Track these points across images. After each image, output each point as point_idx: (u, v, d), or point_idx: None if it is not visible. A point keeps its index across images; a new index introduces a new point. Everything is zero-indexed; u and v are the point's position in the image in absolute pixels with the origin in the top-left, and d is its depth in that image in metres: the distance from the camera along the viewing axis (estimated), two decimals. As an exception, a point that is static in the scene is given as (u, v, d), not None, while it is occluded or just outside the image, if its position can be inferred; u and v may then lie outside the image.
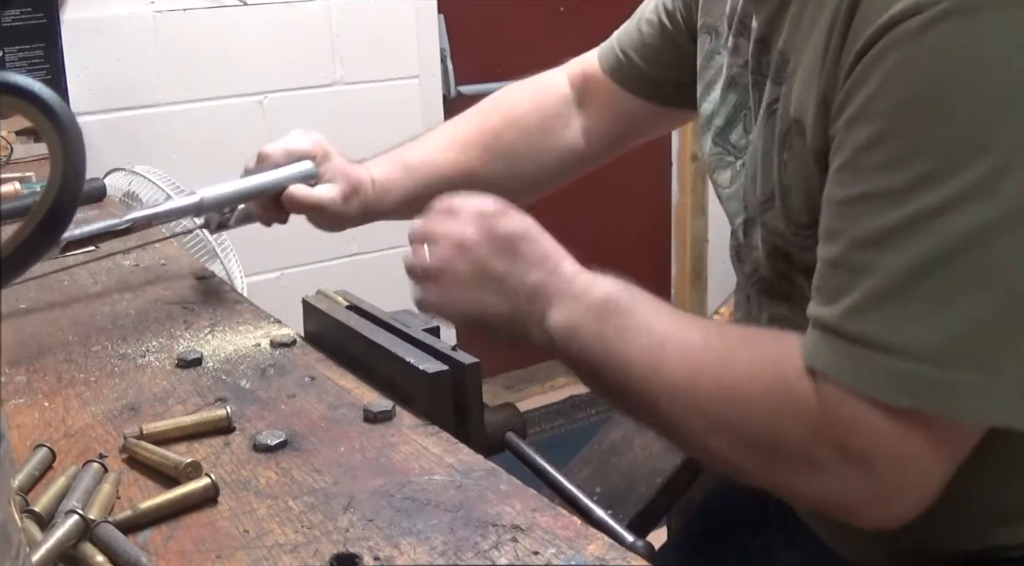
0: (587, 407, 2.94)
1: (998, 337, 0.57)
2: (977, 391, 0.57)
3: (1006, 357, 0.57)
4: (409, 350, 0.69)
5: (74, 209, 0.41)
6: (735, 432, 0.65)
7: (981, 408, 0.58)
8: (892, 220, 0.58)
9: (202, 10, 2.23)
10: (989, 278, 0.56)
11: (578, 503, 0.68)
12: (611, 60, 1.06)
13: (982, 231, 0.55)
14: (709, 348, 0.68)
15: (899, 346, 0.58)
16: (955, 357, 0.57)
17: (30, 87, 0.39)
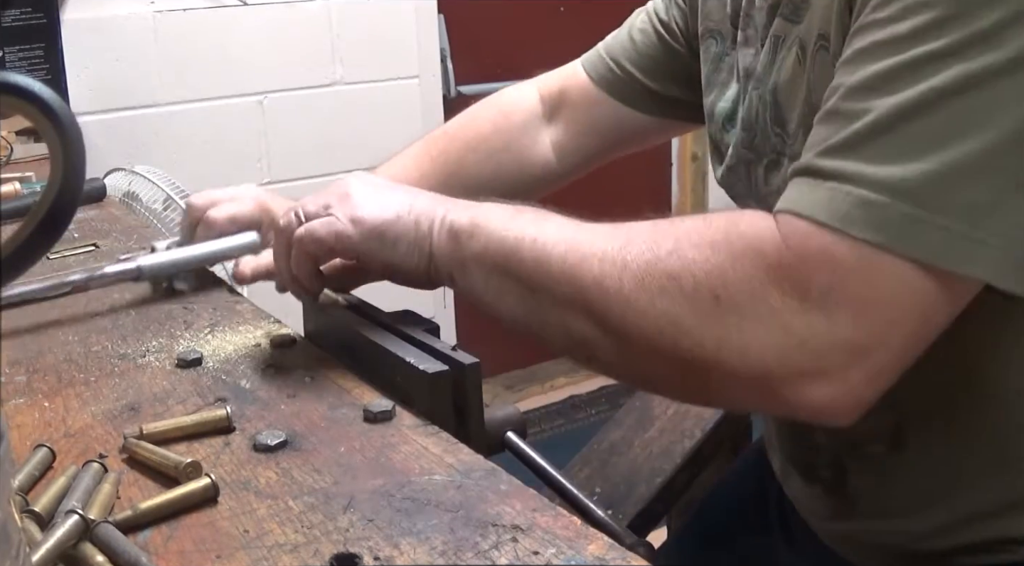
0: (587, 407, 2.94)
1: (986, 188, 0.55)
2: (955, 237, 0.55)
3: (991, 210, 0.55)
4: (409, 350, 0.69)
5: (74, 209, 0.41)
6: (674, 287, 0.59)
7: (957, 256, 0.55)
8: (891, 64, 0.56)
9: (202, 10, 2.23)
10: (984, 123, 0.54)
11: (578, 503, 0.68)
12: (602, 71, 1.04)
13: (982, 76, 0.54)
14: (644, 224, 0.65)
15: (878, 180, 0.55)
16: (937, 199, 0.54)
17: (30, 87, 0.39)
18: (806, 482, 0.80)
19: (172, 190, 1.44)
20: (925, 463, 0.71)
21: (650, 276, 0.60)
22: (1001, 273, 0.55)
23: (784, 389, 0.57)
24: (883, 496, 0.74)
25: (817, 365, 0.57)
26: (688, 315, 0.59)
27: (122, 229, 1.21)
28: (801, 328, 0.56)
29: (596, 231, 0.65)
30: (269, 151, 2.37)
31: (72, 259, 1.08)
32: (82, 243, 1.13)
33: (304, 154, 2.41)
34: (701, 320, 0.58)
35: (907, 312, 0.56)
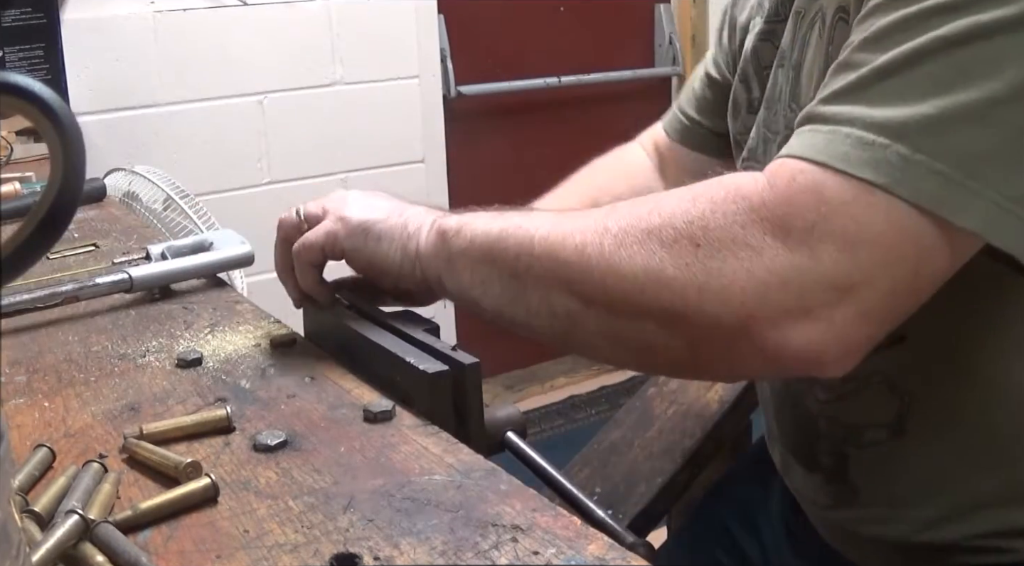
0: (587, 407, 2.95)
1: (987, 139, 0.54)
2: (951, 184, 0.53)
3: (991, 162, 0.54)
4: (409, 350, 0.69)
5: (74, 209, 0.41)
6: (654, 241, 0.58)
7: (952, 204, 0.53)
8: (901, 15, 0.56)
9: (202, 10, 2.23)
10: (989, 74, 0.54)
11: (578, 503, 0.68)
12: (676, 125, 1.06)
13: (991, 27, 0.53)
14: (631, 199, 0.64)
15: (877, 122, 0.54)
16: (936, 144, 0.53)
17: (30, 87, 0.39)
18: (807, 471, 0.80)
19: (172, 190, 1.44)
20: (926, 451, 0.71)
21: (630, 235, 0.59)
22: (996, 228, 0.54)
23: (768, 332, 0.55)
24: (884, 484, 0.74)
25: (800, 303, 0.55)
26: (669, 266, 0.57)
27: (122, 229, 1.21)
28: (783, 267, 0.55)
29: (582, 212, 0.65)
30: (269, 151, 2.37)
31: (72, 259, 1.08)
32: (82, 243, 1.13)
33: (304, 154, 2.41)
34: (681, 270, 0.57)
35: (898, 254, 0.55)
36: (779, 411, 0.82)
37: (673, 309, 0.58)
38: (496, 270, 0.66)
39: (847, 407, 0.74)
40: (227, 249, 0.96)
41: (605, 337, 0.63)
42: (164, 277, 0.92)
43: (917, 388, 0.70)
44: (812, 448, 0.78)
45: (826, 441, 0.77)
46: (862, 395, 0.72)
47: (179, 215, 1.43)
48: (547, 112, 3.00)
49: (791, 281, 0.55)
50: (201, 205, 1.47)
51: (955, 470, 0.70)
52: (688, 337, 0.59)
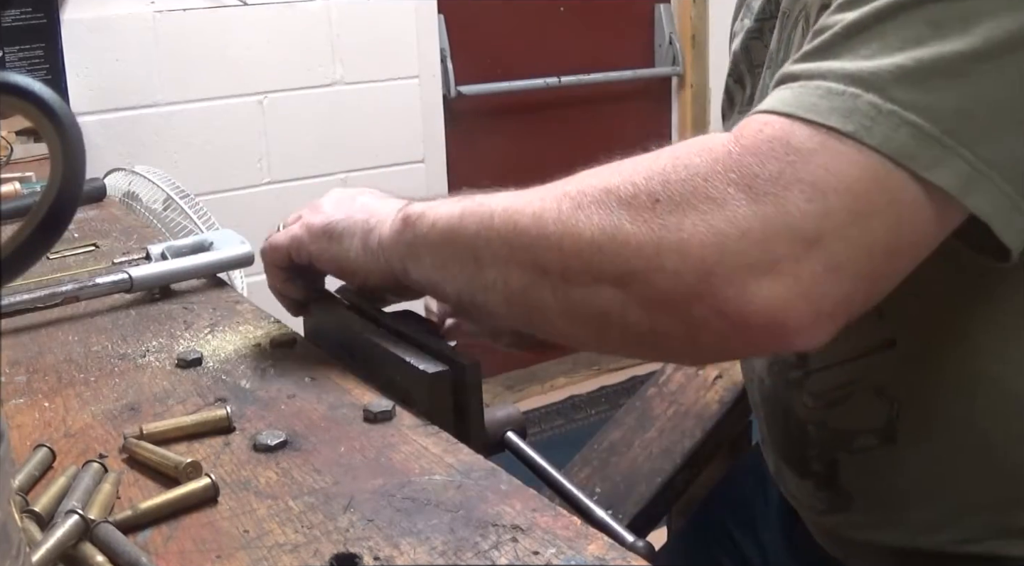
0: (587, 407, 2.95)
1: (961, 95, 0.52)
2: (925, 137, 0.51)
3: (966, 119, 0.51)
4: (409, 350, 0.69)
5: (74, 209, 0.41)
6: (612, 199, 0.56)
7: (926, 158, 0.51)
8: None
9: (202, 10, 2.23)
10: (965, 29, 0.52)
11: (578, 503, 0.68)
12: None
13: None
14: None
15: (848, 73, 0.52)
16: (909, 95, 0.51)
17: (30, 87, 0.39)
18: (799, 477, 0.80)
19: (172, 190, 1.44)
20: (917, 457, 0.70)
21: (588, 196, 0.57)
22: (970, 190, 0.52)
23: (728, 288, 0.52)
24: (876, 490, 0.74)
25: (763, 256, 0.51)
26: (626, 223, 0.54)
27: (122, 229, 1.21)
28: (746, 217, 0.51)
29: (546, 185, 0.62)
30: (269, 151, 2.37)
31: (72, 259, 1.08)
32: (82, 243, 1.13)
33: (304, 154, 2.41)
34: (639, 226, 0.54)
35: (871, 205, 0.51)
36: (769, 417, 0.82)
37: (629, 268, 0.55)
38: (456, 250, 0.64)
39: (836, 413, 0.73)
40: (227, 249, 0.96)
41: (561, 309, 0.59)
42: (164, 277, 0.92)
43: (906, 394, 0.69)
44: (803, 454, 0.78)
45: (816, 447, 0.76)
46: (851, 401, 0.72)
47: (179, 215, 1.43)
48: (547, 112, 3.00)
49: (753, 231, 0.51)
50: (201, 205, 1.47)
51: (947, 475, 0.70)
52: (645, 300, 0.55)
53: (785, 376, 0.76)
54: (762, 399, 0.82)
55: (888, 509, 0.73)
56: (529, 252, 0.59)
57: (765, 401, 0.82)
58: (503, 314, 0.64)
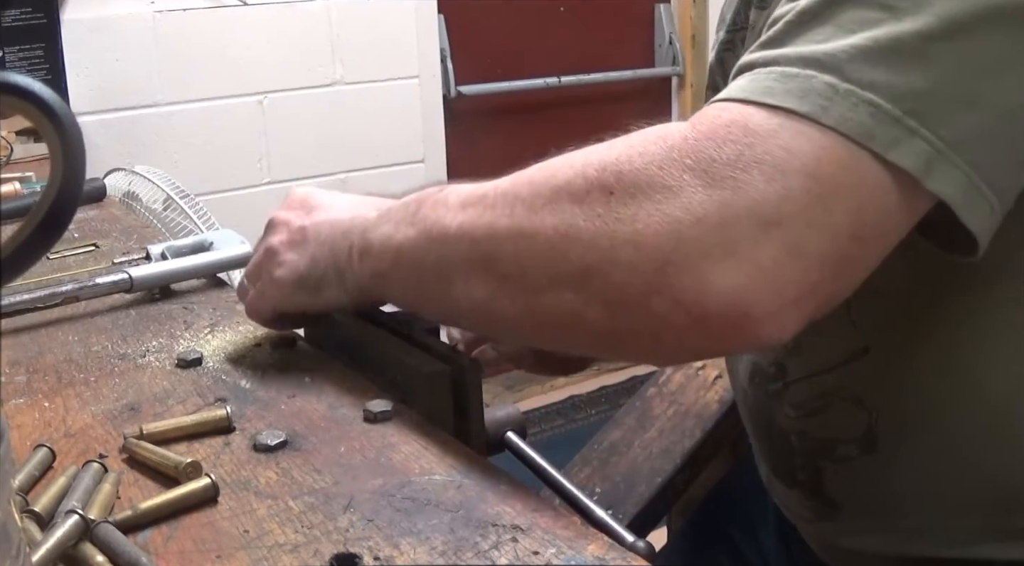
0: (587, 407, 2.95)
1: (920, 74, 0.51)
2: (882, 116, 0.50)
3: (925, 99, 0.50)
4: (409, 350, 0.69)
5: (74, 209, 0.41)
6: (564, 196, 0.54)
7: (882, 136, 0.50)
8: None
9: (202, 10, 2.23)
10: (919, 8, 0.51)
11: (578, 503, 0.68)
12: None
13: None
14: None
15: (803, 56, 0.52)
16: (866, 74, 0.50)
17: (30, 87, 0.39)
18: (787, 487, 0.80)
19: (172, 190, 1.44)
20: (900, 464, 0.69)
21: (540, 196, 0.56)
22: (931, 171, 0.51)
23: (685, 276, 0.50)
24: (861, 497, 0.73)
25: (720, 241, 0.49)
26: (580, 220, 0.53)
27: (122, 229, 1.21)
28: (702, 203, 0.50)
29: (497, 183, 0.61)
30: (269, 151, 2.37)
31: (72, 259, 1.08)
32: (82, 243, 1.13)
33: (304, 154, 2.41)
34: (593, 221, 0.52)
35: (833, 187, 0.50)
36: (756, 429, 0.82)
37: (586, 266, 0.53)
38: (421, 276, 0.64)
39: (816, 423, 0.73)
40: (227, 249, 0.96)
41: (523, 316, 0.58)
42: (164, 277, 0.92)
43: (883, 402, 0.68)
44: (789, 464, 0.78)
45: (801, 457, 0.76)
46: (830, 411, 0.71)
47: (179, 215, 1.44)
48: (547, 112, 3.00)
49: (709, 216, 0.49)
50: (201, 205, 1.47)
51: (932, 480, 0.69)
52: (604, 298, 0.53)
53: (766, 388, 0.76)
54: (747, 411, 0.82)
55: (875, 516, 0.73)
56: (487, 263, 0.59)
57: (750, 413, 0.82)
58: (474, 328, 0.65)
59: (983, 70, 0.52)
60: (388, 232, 0.66)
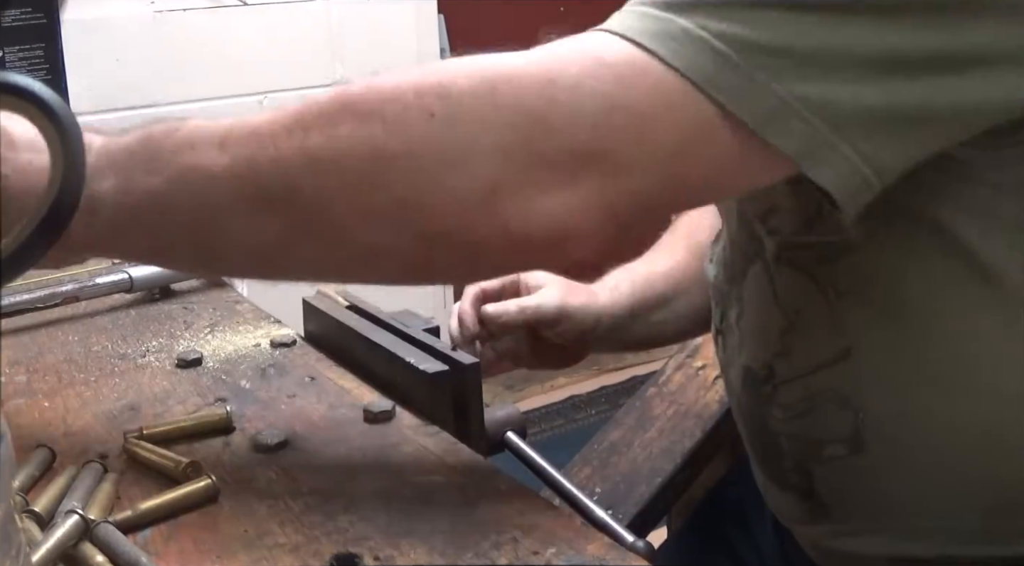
0: (587, 407, 2.95)
1: (778, 32, 0.50)
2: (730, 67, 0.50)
3: (783, 58, 0.50)
4: (409, 350, 0.70)
5: (74, 209, 0.41)
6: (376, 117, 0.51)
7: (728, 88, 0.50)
8: None
9: (202, 10, 2.23)
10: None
11: (578, 503, 0.68)
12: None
13: None
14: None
15: (717, 30, 0.50)
16: (722, 26, 0.50)
17: (30, 87, 0.39)
18: (780, 490, 0.79)
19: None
20: (888, 464, 0.68)
21: (342, 114, 0.52)
22: (776, 126, 0.50)
23: (512, 203, 0.50)
24: (851, 499, 0.73)
25: (549, 165, 0.49)
26: (396, 141, 0.50)
27: (122, 229, 1.21)
28: (534, 125, 0.49)
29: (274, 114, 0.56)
30: (269, 151, 2.37)
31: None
32: (82, 243, 1.12)
33: (304, 154, 2.41)
34: (413, 144, 0.49)
35: (658, 127, 0.50)
36: (749, 434, 0.82)
37: (404, 190, 0.50)
38: (176, 229, 0.56)
39: (804, 424, 0.73)
40: None
41: (326, 256, 0.55)
42: (164, 277, 0.92)
43: (868, 402, 0.68)
44: (780, 467, 0.78)
45: (791, 459, 0.76)
46: (816, 412, 0.71)
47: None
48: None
49: (537, 140, 0.49)
50: (201, 205, 1.47)
51: (922, 481, 0.69)
52: (422, 228, 0.51)
53: (757, 391, 0.76)
54: (742, 417, 0.82)
55: (866, 517, 0.73)
56: (275, 202, 0.53)
57: (743, 418, 0.82)
58: (255, 272, 0.59)
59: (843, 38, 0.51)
60: (118, 185, 0.56)
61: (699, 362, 1.17)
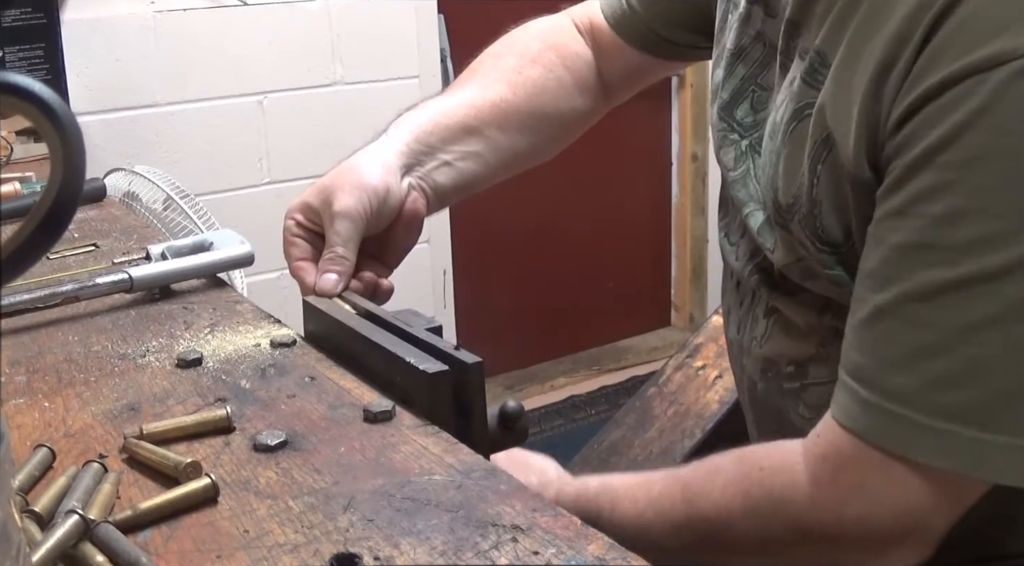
0: (587, 407, 2.95)
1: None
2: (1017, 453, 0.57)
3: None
4: (409, 350, 0.69)
5: (74, 209, 0.41)
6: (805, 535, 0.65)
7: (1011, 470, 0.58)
8: (945, 278, 0.57)
9: (202, 10, 2.23)
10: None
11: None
12: (613, 7, 0.99)
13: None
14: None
15: (942, 407, 0.57)
16: (997, 421, 0.57)
17: (30, 87, 0.39)
18: None
19: (172, 190, 1.44)
20: None
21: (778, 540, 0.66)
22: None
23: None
24: None
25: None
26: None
27: (122, 229, 1.21)
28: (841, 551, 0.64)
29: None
30: (269, 151, 2.37)
31: (72, 259, 1.08)
32: (82, 243, 1.12)
33: (304, 154, 2.41)
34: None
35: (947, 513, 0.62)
36: (760, 419, 0.82)
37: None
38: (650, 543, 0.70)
39: None
40: (227, 249, 0.96)
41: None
42: (164, 277, 0.92)
43: None
44: None
45: None
46: None
47: (179, 215, 1.43)
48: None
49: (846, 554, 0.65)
50: (201, 205, 1.47)
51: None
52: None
53: (780, 384, 0.76)
54: (752, 400, 0.82)
55: None
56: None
57: (756, 403, 0.81)
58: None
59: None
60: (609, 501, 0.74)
61: (699, 362, 1.17)
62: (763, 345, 0.77)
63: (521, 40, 1.05)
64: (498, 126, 0.93)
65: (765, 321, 0.77)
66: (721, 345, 1.17)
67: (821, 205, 0.66)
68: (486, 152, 0.93)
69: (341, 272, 0.81)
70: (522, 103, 0.96)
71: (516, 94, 0.96)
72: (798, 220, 0.68)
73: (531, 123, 0.95)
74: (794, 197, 0.68)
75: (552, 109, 0.98)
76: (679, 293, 3.33)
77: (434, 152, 0.89)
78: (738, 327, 0.81)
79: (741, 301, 0.81)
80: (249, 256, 0.95)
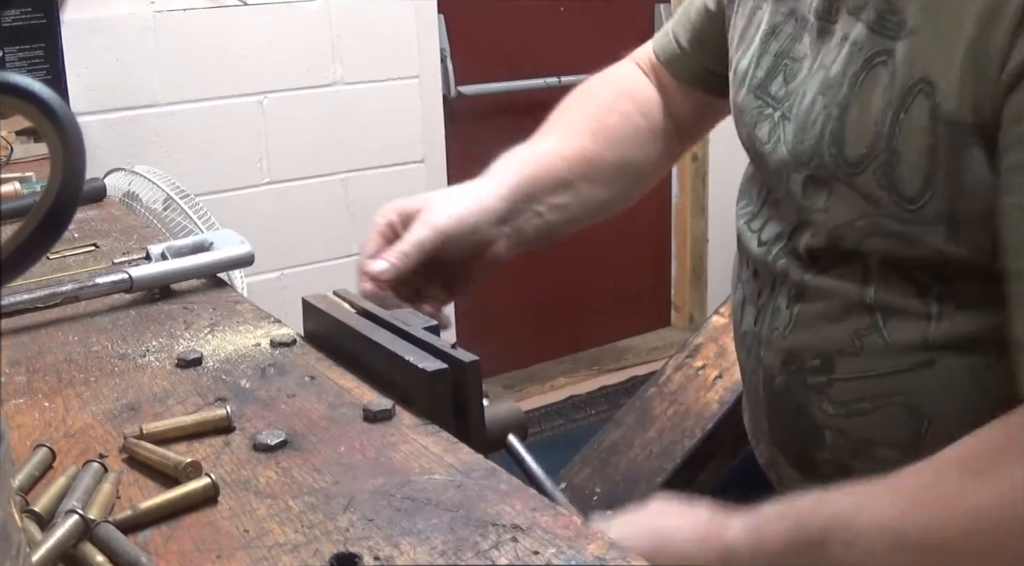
0: (587, 407, 2.95)
1: None
2: None
3: None
4: (408, 349, 0.69)
5: (74, 209, 0.41)
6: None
7: None
8: None
9: (202, 10, 2.23)
10: None
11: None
12: (666, 49, 1.01)
13: None
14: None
15: None
16: None
17: (30, 87, 0.39)
18: (803, 476, 0.79)
19: (172, 190, 1.44)
20: None
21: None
22: None
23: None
24: None
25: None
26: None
27: (122, 229, 1.21)
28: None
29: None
30: (269, 151, 2.37)
31: (72, 259, 1.08)
32: (82, 243, 1.13)
33: (304, 154, 2.41)
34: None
35: None
36: (775, 413, 0.81)
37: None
38: None
39: (859, 423, 0.73)
40: (227, 249, 0.96)
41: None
42: (164, 277, 0.92)
43: (940, 412, 0.69)
44: (812, 456, 0.77)
45: (830, 452, 0.76)
46: (878, 413, 0.71)
47: (179, 215, 1.44)
48: (548, 112, 2.98)
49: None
50: (201, 205, 1.47)
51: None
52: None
53: (803, 378, 0.76)
54: (768, 393, 0.82)
55: None
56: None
57: (772, 396, 0.81)
58: None
59: None
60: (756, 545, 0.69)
61: (699, 362, 1.17)
62: (787, 336, 0.77)
63: (595, 89, 1.06)
64: (587, 179, 0.96)
65: (788, 311, 0.77)
66: (721, 345, 1.17)
67: (900, 155, 0.65)
68: (573, 204, 0.96)
69: (395, 265, 0.83)
70: (605, 152, 0.98)
71: (598, 144, 0.98)
72: (873, 170, 0.67)
73: (615, 175, 0.97)
74: (867, 148, 0.67)
75: (631, 157, 1.00)
76: (679, 293, 3.33)
77: (530, 202, 0.93)
78: (755, 318, 0.81)
79: (760, 291, 0.81)
80: (249, 256, 0.95)
